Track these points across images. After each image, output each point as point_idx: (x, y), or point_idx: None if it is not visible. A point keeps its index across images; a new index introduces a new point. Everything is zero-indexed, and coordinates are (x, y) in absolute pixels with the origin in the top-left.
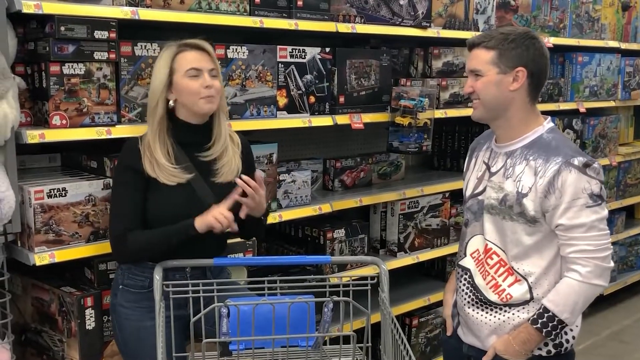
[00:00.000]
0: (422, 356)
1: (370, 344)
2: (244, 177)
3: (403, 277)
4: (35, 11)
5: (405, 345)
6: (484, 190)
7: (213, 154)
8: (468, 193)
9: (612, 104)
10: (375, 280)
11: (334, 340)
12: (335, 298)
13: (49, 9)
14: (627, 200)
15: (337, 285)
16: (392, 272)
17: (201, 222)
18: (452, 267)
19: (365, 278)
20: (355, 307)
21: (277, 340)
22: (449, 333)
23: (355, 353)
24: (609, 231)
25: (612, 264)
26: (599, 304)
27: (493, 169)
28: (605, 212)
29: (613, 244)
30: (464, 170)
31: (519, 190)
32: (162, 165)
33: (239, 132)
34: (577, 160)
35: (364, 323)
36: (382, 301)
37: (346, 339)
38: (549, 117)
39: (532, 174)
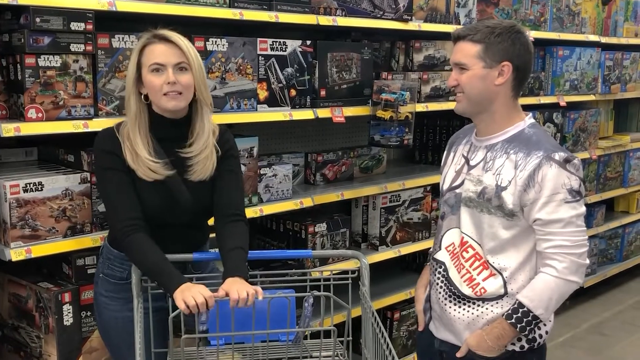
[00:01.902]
0: (404, 349)
1: (351, 338)
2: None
3: (385, 271)
4: (10, 2)
5: (385, 339)
6: (462, 183)
7: (194, 152)
8: (445, 186)
9: (592, 97)
10: (356, 274)
11: (315, 335)
12: (316, 293)
13: None
14: (607, 193)
15: (318, 280)
16: (374, 266)
17: (180, 299)
18: None
19: (346, 272)
20: (336, 301)
21: (257, 335)
22: (420, 328)
23: (336, 347)
24: (585, 228)
25: (587, 261)
26: (579, 297)
27: (472, 162)
28: (582, 209)
29: (593, 237)
30: (442, 164)
31: (499, 183)
32: (143, 159)
33: (222, 125)
34: (558, 155)
35: (344, 317)
36: (362, 295)
37: (327, 333)
38: (530, 113)
39: (512, 168)
